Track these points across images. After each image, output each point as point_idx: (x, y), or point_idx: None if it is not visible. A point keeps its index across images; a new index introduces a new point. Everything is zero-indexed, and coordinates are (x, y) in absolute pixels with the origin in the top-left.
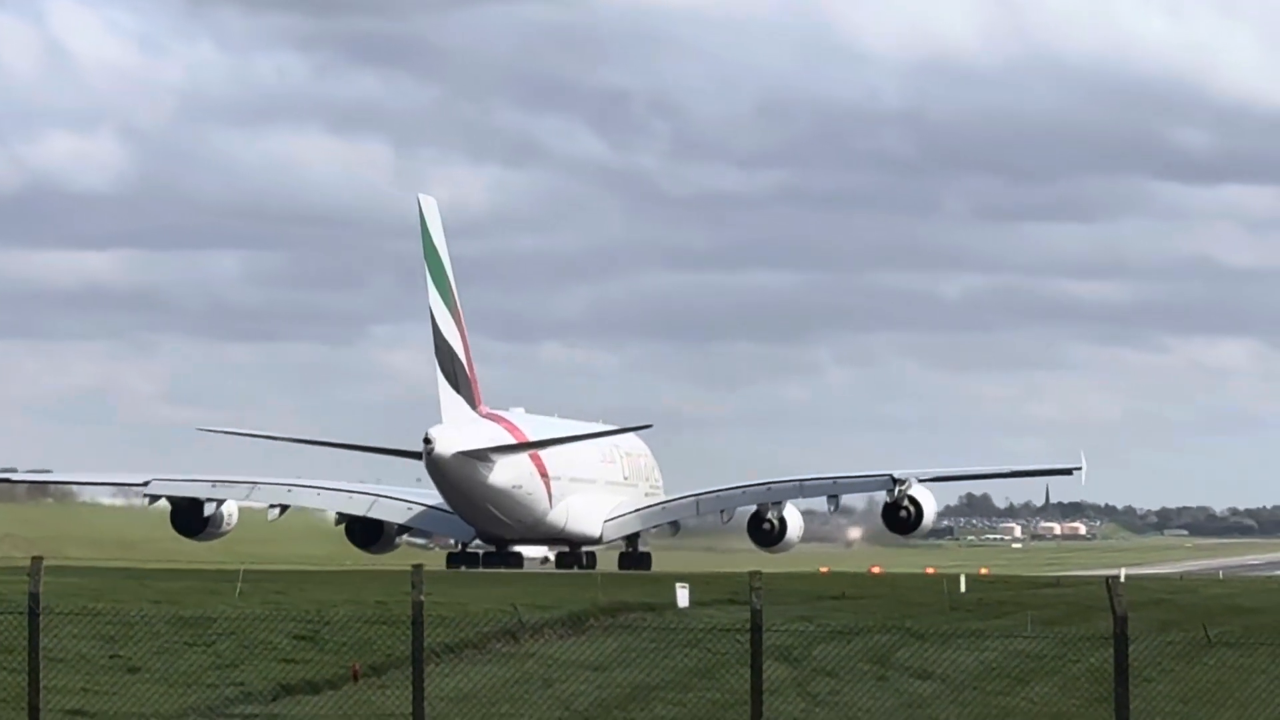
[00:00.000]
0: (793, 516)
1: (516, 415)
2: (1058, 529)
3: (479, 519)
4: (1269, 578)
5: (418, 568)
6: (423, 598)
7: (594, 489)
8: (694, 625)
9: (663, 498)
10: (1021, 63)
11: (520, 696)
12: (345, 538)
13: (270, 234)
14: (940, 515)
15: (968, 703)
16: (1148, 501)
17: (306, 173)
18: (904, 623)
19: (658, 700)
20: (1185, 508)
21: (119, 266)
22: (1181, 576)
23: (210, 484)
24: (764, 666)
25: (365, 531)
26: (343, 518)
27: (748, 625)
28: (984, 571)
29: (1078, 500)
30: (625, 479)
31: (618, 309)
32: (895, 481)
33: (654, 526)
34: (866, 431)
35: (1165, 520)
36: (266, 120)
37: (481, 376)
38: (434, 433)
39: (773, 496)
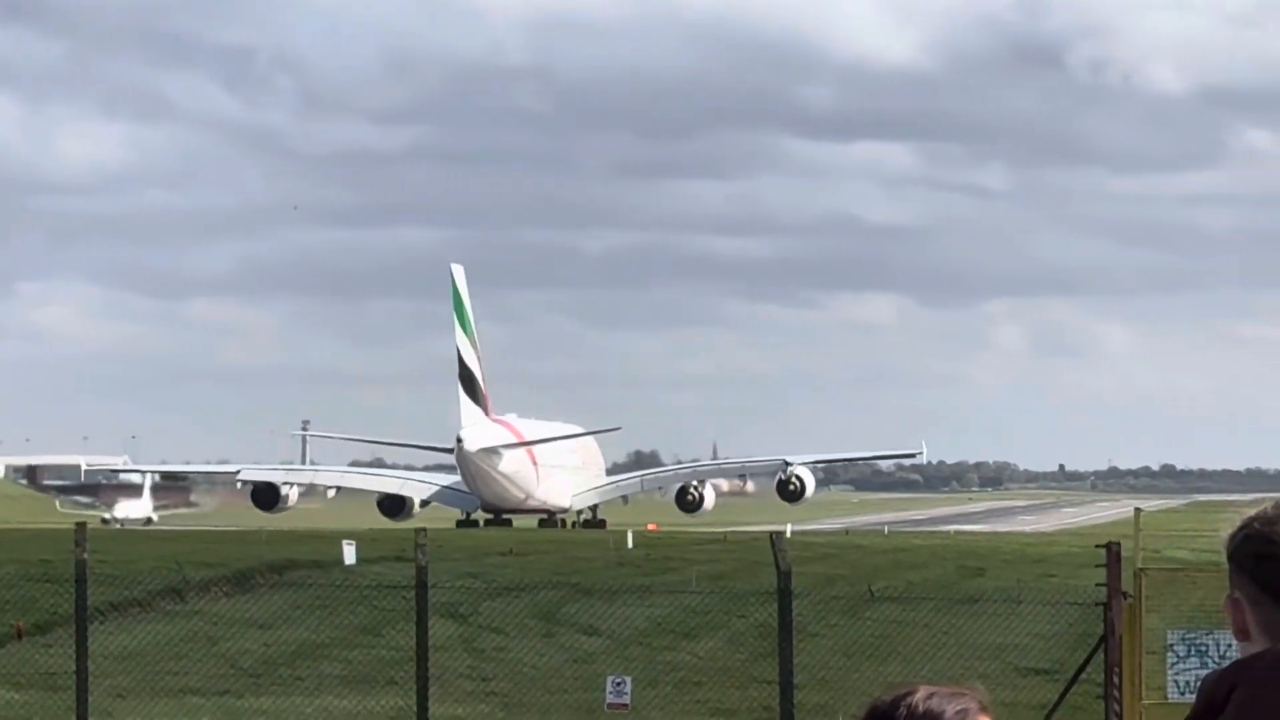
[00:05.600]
0: (709, 490)
1: (512, 419)
2: (725, 485)
3: (489, 495)
4: (933, 533)
5: (80, 526)
6: (86, 556)
7: (564, 472)
8: (361, 583)
9: (605, 478)
10: (643, 18)
11: (186, 654)
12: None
13: None
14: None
15: (634, 658)
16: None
17: None
18: (571, 579)
19: (324, 657)
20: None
21: None
22: (846, 532)
23: (285, 471)
24: (431, 623)
25: (392, 505)
26: (381, 494)
27: (414, 582)
28: (652, 528)
29: (745, 457)
30: (583, 464)
31: (265, 267)
32: (786, 464)
33: (609, 499)
34: (517, 388)
35: (831, 476)
36: None
37: (128, 334)
38: (464, 434)
39: (697, 476)
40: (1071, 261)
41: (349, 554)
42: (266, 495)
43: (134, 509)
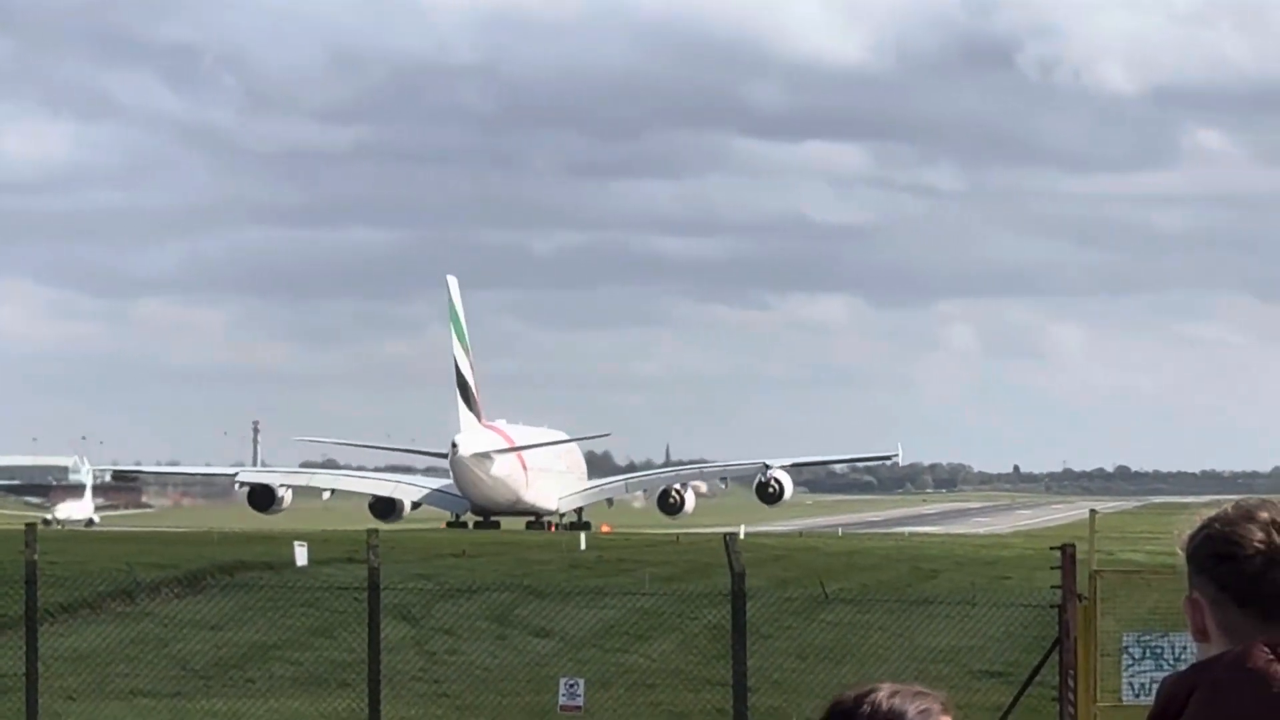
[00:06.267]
0: (689, 494)
1: (502, 424)
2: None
3: (480, 498)
4: (887, 534)
5: (30, 526)
6: (36, 557)
7: (551, 476)
8: (312, 584)
9: (589, 481)
10: (591, 16)
11: (136, 656)
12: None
13: None
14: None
15: (587, 660)
16: (765, 459)
17: None
18: (523, 581)
19: (275, 659)
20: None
21: None
22: (800, 533)
23: (281, 474)
24: (383, 625)
25: (383, 507)
26: (375, 497)
27: (366, 583)
28: (605, 529)
29: (698, 458)
30: (567, 469)
31: (212, 266)
32: (766, 467)
33: (594, 502)
34: None
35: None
36: None
37: (75, 334)
38: (458, 439)
39: (679, 479)
40: (1024, 262)
41: (300, 555)
42: (262, 497)
43: (76, 510)
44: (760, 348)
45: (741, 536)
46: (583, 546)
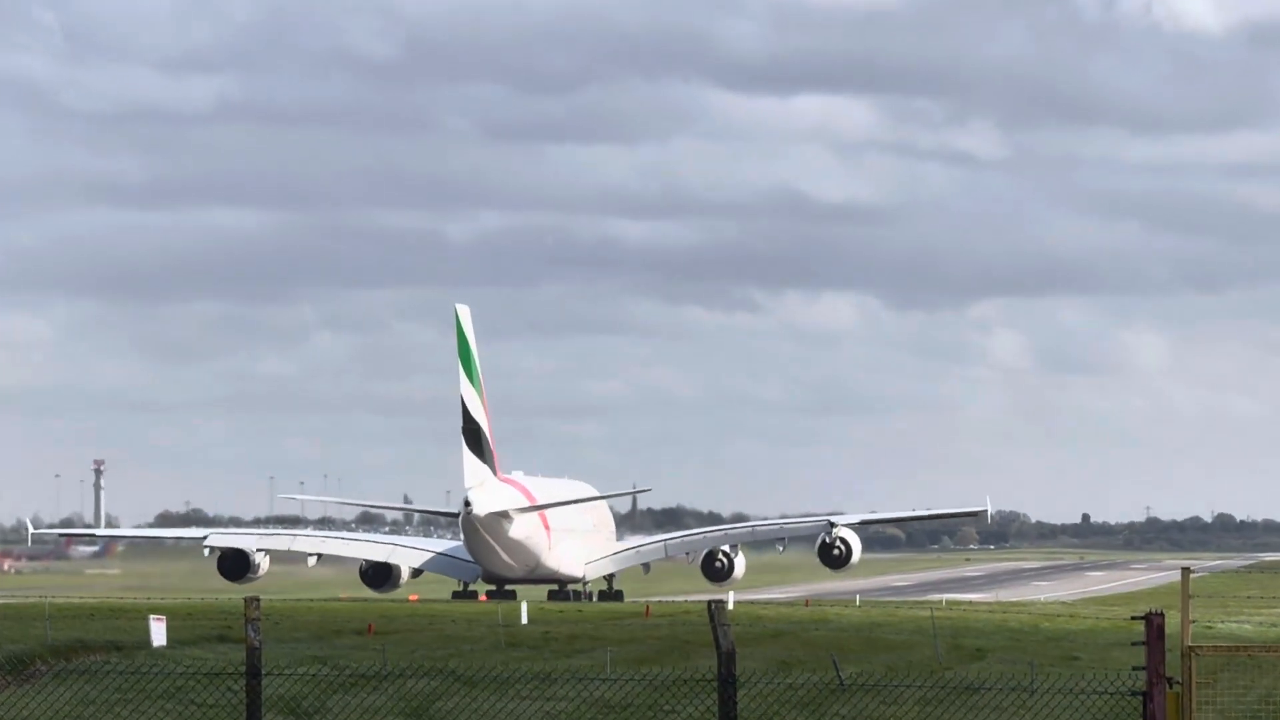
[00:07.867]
0: (740, 557)
1: (520, 477)
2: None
3: (494, 563)
4: (916, 602)
5: None
6: None
7: (576, 536)
8: (173, 669)
9: (618, 543)
10: None
11: None
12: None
13: None
14: None
15: None
16: (761, 507)
17: None
18: (447, 664)
19: None
20: (810, 515)
21: None
22: (807, 601)
23: (257, 536)
24: None
25: (377, 574)
26: (368, 563)
27: (242, 669)
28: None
29: (674, 506)
30: (594, 527)
31: (34, 260)
32: (831, 525)
33: (627, 567)
34: (363, 417)
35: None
36: None
37: None
38: (472, 496)
39: (729, 540)
40: (1083, 250)
41: (157, 633)
42: (235, 563)
43: None
44: (747, 361)
45: (730, 606)
46: (524, 620)
